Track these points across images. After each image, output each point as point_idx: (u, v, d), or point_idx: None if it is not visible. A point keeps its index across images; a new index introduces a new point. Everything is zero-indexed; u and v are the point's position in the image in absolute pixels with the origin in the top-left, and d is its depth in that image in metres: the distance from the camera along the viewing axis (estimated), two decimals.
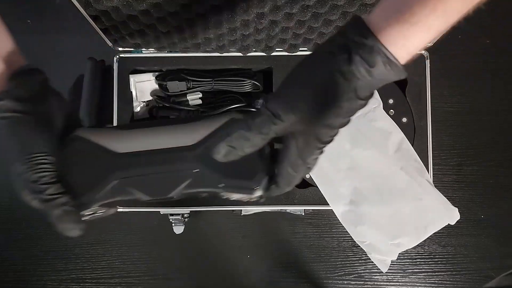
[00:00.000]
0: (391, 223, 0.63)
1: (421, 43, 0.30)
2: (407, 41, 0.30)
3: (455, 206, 0.63)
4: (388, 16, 0.30)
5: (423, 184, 0.64)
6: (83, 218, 0.39)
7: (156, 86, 0.71)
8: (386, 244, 0.63)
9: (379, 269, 0.63)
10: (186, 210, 0.68)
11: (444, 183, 0.77)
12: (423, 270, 0.77)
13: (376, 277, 0.77)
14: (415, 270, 0.77)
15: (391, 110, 0.67)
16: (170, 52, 0.68)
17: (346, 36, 0.31)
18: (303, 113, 0.33)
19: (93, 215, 0.42)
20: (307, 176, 0.66)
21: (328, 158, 0.65)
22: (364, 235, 0.63)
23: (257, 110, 0.34)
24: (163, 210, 0.68)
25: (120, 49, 0.68)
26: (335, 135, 0.36)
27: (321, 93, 0.32)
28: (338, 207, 0.64)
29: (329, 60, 0.31)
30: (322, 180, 0.65)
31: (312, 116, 0.33)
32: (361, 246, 0.63)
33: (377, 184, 0.64)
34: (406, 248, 0.63)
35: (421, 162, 0.65)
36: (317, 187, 0.65)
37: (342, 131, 0.66)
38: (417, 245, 0.64)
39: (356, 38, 0.30)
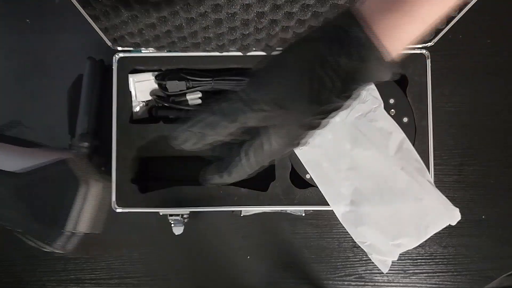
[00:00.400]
0: (392, 224, 0.63)
1: (413, 34, 0.29)
2: (398, 32, 0.28)
3: (456, 206, 0.63)
4: (379, 5, 0.27)
5: (424, 184, 0.64)
6: None
7: (156, 86, 0.71)
8: (387, 244, 0.63)
9: (380, 269, 0.63)
10: (185, 211, 0.68)
11: (445, 183, 0.77)
12: (424, 270, 0.77)
13: (376, 277, 0.77)
14: (416, 271, 0.77)
15: (392, 110, 0.67)
16: (170, 51, 0.68)
17: (333, 25, 0.29)
18: (280, 104, 0.29)
19: None
20: (307, 176, 0.66)
21: (328, 158, 0.65)
22: (364, 235, 0.63)
23: (227, 95, 0.30)
24: (162, 211, 0.68)
25: (120, 48, 0.68)
26: (308, 137, 0.33)
27: (301, 84, 0.28)
28: (339, 208, 0.64)
29: (314, 49, 0.28)
30: (322, 180, 0.65)
31: (289, 110, 0.29)
32: (362, 247, 0.63)
33: (378, 185, 0.64)
34: (407, 249, 0.63)
35: (422, 162, 0.64)
36: (317, 187, 0.65)
37: (343, 131, 0.66)
38: (417, 246, 0.64)
39: (344, 27, 0.28)
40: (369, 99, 0.65)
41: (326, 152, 0.65)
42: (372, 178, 0.64)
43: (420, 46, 0.67)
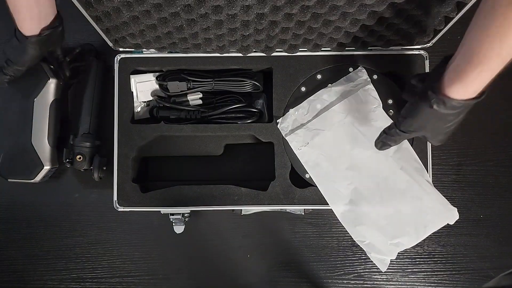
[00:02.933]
0: (391, 223, 0.64)
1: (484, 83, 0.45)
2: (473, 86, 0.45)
3: (454, 206, 0.64)
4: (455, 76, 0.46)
5: (422, 184, 0.64)
6: None
7: (157, 86, 0.71)
8: (386, 243, 0.63)
9: (379, 268, 0.63)
10: (186, 210, 0.69)
11: (444, 183, 0.77)
12: (423, 269, 0.77)
13: (375, 276, 0.77)
14: (414, 270, 0.77)
15: (390, 111, 0.67)
16: (171, 52, 0.69)
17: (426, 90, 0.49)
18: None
19: None
20: (307, 176, 0.67)
21: (328, 158, 0.66)
22: (363, 234, 0.63)
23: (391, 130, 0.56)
24: (163, 210, 0.69)
25: (121, 49, 0.68)
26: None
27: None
28: (338, 207, 0.64)
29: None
30: (322, 180, 0.65)
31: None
32: (361, 246, 0.63)
33: (377, 184, 0.64)
34: (405, 248, 0.63)
35: (421, 162, 0.65)
36: (317, 187, 0.66)
37: (342, 131, 0.67)
38: (416, 245, 0.65)
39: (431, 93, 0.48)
40: (368, 100, 0.65)
41: (326, 152, 0.66)
42: (371, 177, 0.65)
43: (419, 46, 0.68)
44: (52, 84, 0.69)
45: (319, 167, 0.66)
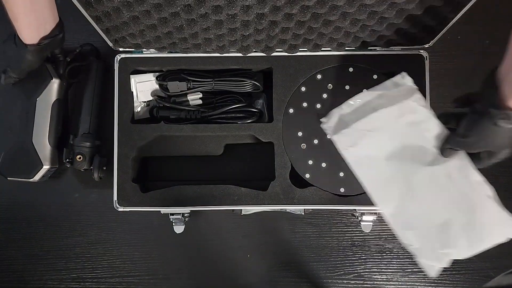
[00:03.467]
0: (442, 231, 0.59)
1: None
2: None
3: None
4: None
5: (480, 196, 0.59)
6: None
7: (157, 86, 0.71)
8: (435, 251, 0.58)
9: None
10: (186, 210, 0.69)
11: None
12: (423, 269, 0.77)
13: (375, 276, 0.77)
14: (414, 270, 0.77)
15: None
16: (171, 52, 0.69)
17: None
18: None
19: None
20: (307, 175, 0.67)
21: (378, 160, 0.61)
22: (412, 239, 0.59)
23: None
24: (163, 210, 0.69)
25: (121, 49, 0.68)
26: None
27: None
28: (388, 209, 0.60)
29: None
30: (370, 181, 0.61)
31: None
32: (408, 249, 0.59)
33: (430, 191, 0.60)
34: (457, 258, 0.58)
35: (480, 174, 0.60)
36: (316, 187, 0.66)
37: (393, 136, 0.61)
38: None
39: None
40: (417, 109, 0.61)
41: (376, 154, 0.61)
42: (426, 183, 0.60)
43: (419, 46, 0.68)
44: (55, 84, 0.69)
45: (367, 168, 0.61)
